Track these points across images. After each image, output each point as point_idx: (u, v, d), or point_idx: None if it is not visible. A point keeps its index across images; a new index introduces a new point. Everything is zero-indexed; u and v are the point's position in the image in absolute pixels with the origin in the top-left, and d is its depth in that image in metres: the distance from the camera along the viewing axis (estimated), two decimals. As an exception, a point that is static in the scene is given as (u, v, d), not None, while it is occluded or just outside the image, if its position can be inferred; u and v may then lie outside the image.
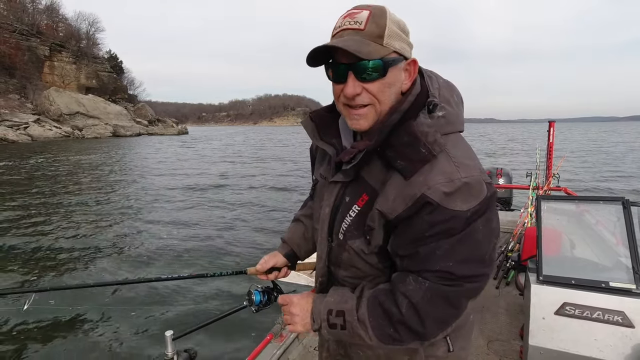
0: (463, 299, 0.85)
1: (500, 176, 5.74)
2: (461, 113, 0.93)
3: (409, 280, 0.86)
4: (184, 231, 8.49)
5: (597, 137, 57.04)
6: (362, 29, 0.82)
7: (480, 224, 0.82)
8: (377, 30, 0.82)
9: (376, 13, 0.83)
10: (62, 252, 7.13)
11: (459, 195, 0.80)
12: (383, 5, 0.85)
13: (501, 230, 4.91)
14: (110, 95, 67.76)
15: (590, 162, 23.46)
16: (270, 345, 2.35)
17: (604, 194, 13.16)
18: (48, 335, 4.29)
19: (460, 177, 0.81)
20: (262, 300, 1.28)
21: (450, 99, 0.91)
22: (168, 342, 1.30)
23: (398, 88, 0.88)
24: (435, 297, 0.84)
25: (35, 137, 44.20)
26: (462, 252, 0.82)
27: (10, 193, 13.00)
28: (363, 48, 0.80)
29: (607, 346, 2.05)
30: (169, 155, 28.95)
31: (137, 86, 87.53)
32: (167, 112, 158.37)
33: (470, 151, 0.89)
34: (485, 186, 0.83)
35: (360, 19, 0.82)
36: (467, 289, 0.84)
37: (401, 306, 0.85)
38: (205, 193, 13.46)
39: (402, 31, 0.86)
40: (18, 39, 54.87)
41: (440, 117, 0.86)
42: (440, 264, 0.82)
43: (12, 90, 52.39)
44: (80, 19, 70.36)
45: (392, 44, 0.83)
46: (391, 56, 0.84)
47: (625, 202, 2.28)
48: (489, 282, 3.07)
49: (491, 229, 0.85)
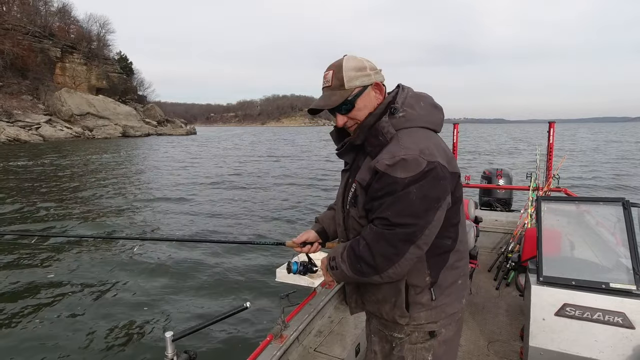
0: (399, 241, 1.15)
1: (500, 177, 5.69)
2: (428, 114, 1.29)
3: (368, 227, 1.23)
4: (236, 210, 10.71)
5: (606, 138, 56.23)
6: (330, 86, 1.27)
7: (414, 188, 1.13)
8: (339, 82, 1.25)
9: (336, 70, 1.26)
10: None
11: (399, 167, 1.14)
12: (341, 60, 1.27)
13: (501, 231, 4.88)
14: (120, 96, 68.58)
15: (590, 161, 23.27)
16: (270, 346, 2.35)
17: (603, 194, 13.04)
18: (45, 334, 4.28)
19: (400, 155, 1.15)
20: (298, 269, 1.60)
21: (415, 105, 1.27)
22: (168, 343, 1.30)
23: (372, 104, 1.29)
24: (379, 237, 1.17)
25: (46, 138, 44.95)
26: (398, 206, 1.14)
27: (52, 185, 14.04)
28: (330, 101, 1.26)
29: (608, 347, 2.05)
30: (201, 152, 31.42)
31: (146, 87, 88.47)
32: (176, 112, 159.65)
33: (420, 139, 1.20)
34: (423, 163, 1.13)
35: (328, 77, 1.27)
36: (400, 233, 1.15)
37: (361, 245, 1.22)
38: (245, 183, 15.72)
39: (360, 70, 1.25)
40: (31, 41, 55.82)
41: (401, 116, 1.24)
42: (383, 213, 1.16)
43: (25, 92, 53.34)
44: (92, 20, 71.33)
45: (352, 84, 1.25)
46: (355, 92, 1.26)
47: (625, 202, 2.27)
48: (489, 282, 3.06)
49: (424, 194, 1.13)
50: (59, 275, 5.90)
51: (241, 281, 5.72)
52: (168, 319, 4.66)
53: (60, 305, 4.98)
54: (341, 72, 1.24)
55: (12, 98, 49.82)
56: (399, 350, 1.34)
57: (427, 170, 1.13)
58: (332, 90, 1.26)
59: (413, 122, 1.24)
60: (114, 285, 5.61)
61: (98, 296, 5.22)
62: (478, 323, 3.11)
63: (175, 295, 5.27)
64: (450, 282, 1.31)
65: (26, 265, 6.28)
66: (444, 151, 1.23)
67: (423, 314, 1.29)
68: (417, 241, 1.15)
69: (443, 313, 1.30)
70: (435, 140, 1.24)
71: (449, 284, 1.31)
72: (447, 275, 1.30)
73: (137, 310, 4.87)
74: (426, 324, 1.30)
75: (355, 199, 1.28)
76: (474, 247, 3.48)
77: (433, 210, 1.15)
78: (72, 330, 4.38)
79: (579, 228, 2.60)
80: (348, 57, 1.27)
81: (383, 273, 1.19)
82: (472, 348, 2.77)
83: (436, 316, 1.30)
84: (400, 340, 1.33)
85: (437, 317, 1.30)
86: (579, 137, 61.36)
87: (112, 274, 6.00)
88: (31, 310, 4.84)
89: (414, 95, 1.30)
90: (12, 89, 51.32)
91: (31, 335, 4.28)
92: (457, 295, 1.34)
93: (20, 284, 5.58)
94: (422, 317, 1.29)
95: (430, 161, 1.14)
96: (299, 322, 2.62)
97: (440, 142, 1.26)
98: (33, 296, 5.22)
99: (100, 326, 4.48)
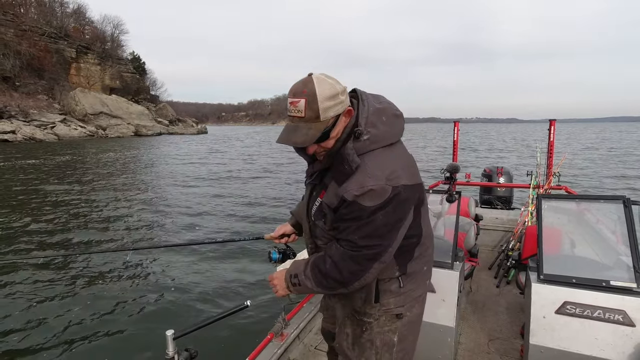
0: (364, 260, 1.25)
1: (500, 175, 5.65)
2: (392, 128, 1.31)
3: (334, 246, 1.31)
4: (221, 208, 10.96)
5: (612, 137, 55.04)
6: (303, 117, 1.19)
7: (381, 214, 1.20)
8: (314, 114, 1.18)
9: (310, 100, 1.17)
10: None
11: (367, 197, 1.19)
12: (312, 86, 1.17)
13: (502, 229, 4.86)
14: (133, 96, 69.58)
15: (591, 159, 22.94)
16: (271, 344, 2.38)
17: (604, 192, 12.80)
18: (44, 336, 4.27)
19: (368, 185, 1.19)
20: (278, 257, 1.68)
21: (377, 122, 1.27)
22: (169, 341, 1.32)
23: (341, 130, 1.27)
24: (345, 257, 1.26)
25: (61, 137, 45.86)
26: (365, 231, 1.22)
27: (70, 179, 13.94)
28: (309, 137, 1.21)
29: (608, 345, 2.04)
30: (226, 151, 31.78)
31: (159, 87, 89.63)
32: (188, 112, 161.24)
33: (385, 164, 1.24)
34: (389, 190, 1.19)
35: (300, 107, 1.18)
36: (366, 253, 1.24)
37: (327, 263, 1.30)
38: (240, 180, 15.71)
39: (333, 98, 1.19)
40: (47, 41, 56.98)
41: (365, 139, 1.25)
42: (349, 236, 1.24)
43: (41, 91, 54.49)
44: (106, 21, 72.54)
45: (327, 115, 1.20)
46: (331, 122, 1.22)
47: (626, 200, 2.25)
48: (490, 280, 3.06)
49: (388, 218, 1.22)
50: (55, 276, 5.86)
51: (242, 280, 5.73)
52: (169, 318, 4.67)
53: (59, 304, 4.97)
54: (316, 102, 1.17)
55: (28, 98, 50.95)
56: (369, 334, 1.44)
57: (392, 197, 1.20)
58: (307, 123, 1.20)
59: (377, 144, 1.26)
60: (113, 285, 5.57)
61: (97, 296, 5.21)
62: (479, 321, 3.10)
63: (176, 294, 5.28)
64: (416, 271, 1.43)
65: (21, 264, 6.26)
66: (407, 167, 1.30)
67: (392, 300, 1.40)
68: (381, 259, 1.26)
69: (409, 297, 1.43)
70: (398, 158, 1.30)
71: (416, 272, 1.43)
72: (413, 265, 1.41)
73: (137, 308, 4.88)
74: (395, 307, 1.41)
75: (323, 215, 1.35)
76: (474, 245, 3.46)
77: (396, 231, 1.25)
78: (72, 330, 4.39)
79: (580, 226, 2.57)
80: (319, 82, 1.19)
81: (350, 286, 1.29)
82: (472, 346, 2.76)
83: (404, 301, 1.42)
84: (369, 325, 1.43)
85: (405, 301, 1.42)
86: (585, 136, 60.29)
87: (109, 275, 5.94)
88: (29, 308, 4.84)
89: (375, 112, 1.28)
90: (28, 89, 52.47)
91: (30, 334, 4.29)
92: (423, 280, 1.48)
93: (17, 283, 5.61)
94: (392, 302, 1.41)
95: (395, 186, 1.21)
96: (300, 320, 2.65)
97: (402, 157, 1.32)
98: (28, 293, 5.22)
99: (101, 325, 4.48)
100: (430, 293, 2.45)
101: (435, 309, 2.44)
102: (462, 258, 2.58)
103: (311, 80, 1.19)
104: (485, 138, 58.08)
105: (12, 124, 41.96)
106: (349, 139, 1.25)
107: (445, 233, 2.99)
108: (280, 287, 1.44)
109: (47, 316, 4.67)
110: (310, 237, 1.48)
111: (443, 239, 2.84)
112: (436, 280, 2.43)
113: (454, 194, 2.81)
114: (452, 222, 2.75)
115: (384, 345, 1.44)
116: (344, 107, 1.24)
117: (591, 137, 58.08)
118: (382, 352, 1.44)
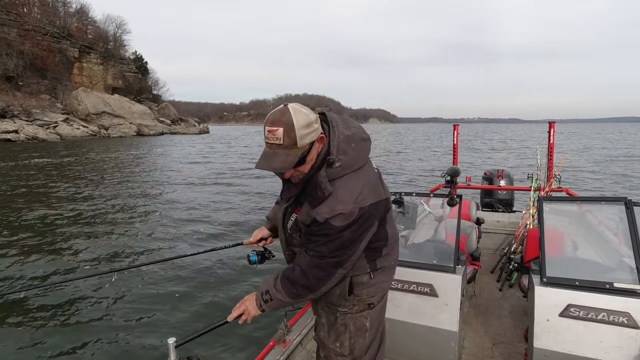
0: (328, 267, 1.42)
1: (501, 178, 5.63)
2: (359, 153, 1.44)
3: (303, 255, 1.48)
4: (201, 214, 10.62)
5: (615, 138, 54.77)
6: (281, 144, 1.29)
7: (348, 232, 1.37)
8: (291, 141, 1.29)
9: (288, 129, 1.27)
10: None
11: (336, 219, 1.35)
12: (289, 116, 1.28)
13: (504, 232, 4.85)
14: (135, 95, 69.64)
15: (593, 161, 22.83)
16: (274, 351, 2.37)
17: (606, 194, 12.75)
18: (46, 342, 4.25)
19: (338, 210, 1.35)
20: (257, 260, 1.77)
21: (348, 149, 1.41)
22: (171, 349, 1.31)
23: (315, 155, 1.39)
24: (312, 265, 1.43)
25: (63, 136, 46.00)
26: (331, 246, 1.39)
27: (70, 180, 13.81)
28: (287, 163, 1.31)
29: (613, 348, 2.02)
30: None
31: (161, 86, 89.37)
32: (190, 111, 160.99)
33: (354, 188, 1.38)
34: (356, 211, 1.36)
35: (279, 135, 1.28)
36: (331, 262, 1.41)
37: (295, 271, 1.46)
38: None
39: (308, 126, 1.31)
40: (50, 41, 57.11)
41: (338, 167, 1.38)
42: (318, 248, 1.41)
43: (44, 91, 54.67)
44: (108, 21, 72.61)
45: (304, 142, 1.31)
46: (306, 149, 1.33)
47: (628, 202, 2.24)
48: (493, 284, 3.07)
49: (353, 234, 1.38)
50: (50, 280, 5.83)
51: (242, 286, 5.68)
52: (170, 325, 4.63)
53: (59, 312, 4.93)
54: (293, 131, 1.28)
55: (31, 97, 51.11)
56: (342, 319, 1.60)
57: (359, 217, 1.37)
58: (285, 150, 1.30)
59: (348, 169, 1.41)
60: (113, 293, 5.51)
61: (97, 305, 5.16)
62: (482, 324, 3.08)
63: (176, 301, 5.24)
64: (385, 265, 1.60)
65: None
66: (372, 186, 1.45)
67: (364, 291, 1.57)
68: (345, 265, 1.44)
69: (380, 288, 1.61)
70: (365, 179, 1.44)
71: (384, 266, 1.60)
72: (382, 261, 1.58)
73: (138, 316, 4.84)
74: (367, 298, 1.58)
75: (298, 230, 1.53)
76: (476, 248, 3.44)
77: (359, 242, 1.42)
78: (72, 338, 4.35)
79: (582, 228, 2.57)
80: (295, 112, 1.30)
81: (317, 291, 1.47)
82: (476, 350, 2.75)
83: (374, 292, 1.59)
84: (343, 313, 1.60)
85: (375, 292, 1.59)
86: (586, 136, 59.94)
87: (111, 284, 5.85)
88: (29, 315, 4.80)
89: (344, 139, 1.42)
90: (31, 89, 52.64)
91: (31, 342, 4.25)
92: (390, 273, 1.67)
93: (18, 287, 5.57)
94: (364, 293, 1.57)
95: (361, 207, 1.37)
96: (302, 327, 2.64)
97: (368, 177, 1.46)
98: (29, 300, 5.17)
99: (102, 334, 4.44)
100: (433, 297, 2.44)
101: (438, 314, 2.43)
102: (464, 262, 2.57)
103: (288, 110, 1.30)
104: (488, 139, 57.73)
105: (14, 124, 42.09)
106: (322, 165, 1.39)
107: (446, 237, 2.98)
108: (252, 308, 1.54)
109: (46, 322, 4.64)
110: (287, 246, 1.65)
111: (445, 243, 2.83)
112: (438, 285, 2.42)
113: (455, 197, 2.80)
114: (454, 226, 2.74)
115: (357, 329, 1.60)
116: (317, 134, 1.36)
117: (593, 137, 57.86)
118: (355, 336, 1.60)
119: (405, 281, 2.49)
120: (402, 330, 2.51)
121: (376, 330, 1.67)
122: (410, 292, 2.49)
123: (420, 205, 3.09)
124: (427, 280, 2.45)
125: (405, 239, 2.89)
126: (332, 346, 1.63)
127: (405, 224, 2.87)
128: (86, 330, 4.55)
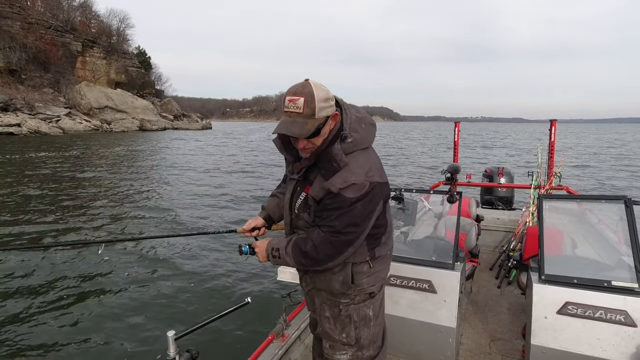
0: (340, 244, 1.47)
1: (501, 175, 5.64)
2: (368, 134, 1.54)
3: (316, 231, 1.51)
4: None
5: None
6: (301, 112, 1.37)
7: (360, 205, 1.42)
8: (310, 111, 1.37)
9: (308, 99, 1.36)
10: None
11: (350, 189, 1.41)
12: (310, 88, 1.37)
13: (503, 229, 4.85)
14: (138, 90, 69.70)
15: (593, 160, 22.75)
16: (272, 345, 2.38)
17: (606, 192, 12.72)
18: (41, 337, 4.22)
19: (351, 180, 1.41)
20: (249, 251, 1.75)
21: (359, 128, 1.51)
22: (170, 342, 1.32)
23: (328, 131, 1.47)
24: (325, 241, 1.47)
25: (66, 130, 46.13)
26: (344, 219, 1.43)
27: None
28: (304, 130, 1.39)
29: (610, 345, 2.03)
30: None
31: (164, 82, 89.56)
32: (193, 107, 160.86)
33: (365, 162, 1.47)
34: (367, 184, 1.42)
35: (299, 104, 1.37)
36: (343, 240, 1.46)
37: (307, 245, 1.51)
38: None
39: (325, 99, 1.40)
40: (53, 35, 57.11)
41: (349, 142, 1.47)
42: (331, 222, 1.45)
43: (47, 85, 54.75)
44: (112, 15, 72.74)
45: (321, 114, 1.40)
46: (322, 121, 1.42)
47: (627, 200, 2.24)
48: (491, 281, 3.07)
49: (364, 208, 1.44)
50: (52, 277, 5.80)
51: (242, 280, 5.67)
52: (169, 318, 4.63)
53: (59, 305, 4.93)
54: (314, 102, 1.36)
55: (34, 91, 51.21)
56: (346, 310, 1.65)
57: (370, 190, 1.43)
58: (304, 119, 1.38)
59: (358, 146, 1.49)
60: (111, 285, 5.51)
61: (96, 297, 5.16)
62: (480, 321, 3.10)
63: (175, 293, 5.25)
64: (383, 254, 1.66)
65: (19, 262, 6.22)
66: (378, 168, 1.53)
67: (365, 280, 1.62)
68: (355, 244, 1.49)
69: (379, 277, 1.66)
70: (373, 159, 1.54)
71: (382, 255, 1.66)
72: (380, 250, 1.64)
73: (137, 309, 4.85)
74: (367, 287, 1.63)
75: (307, 207, 1.56)
76: (475, 245, 3.45)
77: (369, 219, 1.48)
78: (72, 331, 4.36)
79: (581, 226, 2.57)
80: (316, 86, 1.39)
81: (322, 266, 1.54)
82: (474, 346, 2.77)
83: (374, 281, 1.64)
84: (346, 304, 1.64)
85: (375, 281, 1.65)
86: (589, 136, 59.66)
87: (107, 275, 5.88)
88: (28, 309, 4.79)
89: (356, 119, 1.52)
90: (34, 82, 52.73)
91: (30, 335, 4.24)
92: (387, 263, 1.72)
93: (15, 281, 5.57)
94: (364, 282, 1.62)
95: (372, 182, 1.44)
96: (301, 321, 2.65)
97: (375, 159, 1.56)
98: (28, 296, 5.17)
99: (101, 326, 4.44)
100: (432, 293, 2.45)
101: (436, 310, 2.44)
102: (463, 259, 2.58)
103: (309, 83, 1.39)
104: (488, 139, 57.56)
105: (17, 117, 42.24)
106: (335, 140, 1.47)
107: (446, 233, 2.98)
108: (260, 255, 1.66)
109: (46, 316, 4.63)
110: (291, 228, 1.69)
111: (444, 240, 2.83)
112: (437, 281, 2.43)
113: (455, 194, 2.80)
114: (453, 223, 2.75)
115: (361, 319, 1.65)
116: (332, 110, 1.44)
117: (595, 138, 57.59)
118: (360, 326, 1.66)
119: (404, 277, 2.50)
120: (401, 326, 2.53)
121: (380, 321, 1.73)
122: (409, 288, 2.50)
123: (420, 202, 3.09)
124: (425, 277, 2.46)
125: (404, 235, 2.90)
126: (338, 337, 1.67)
127: (405, 220, 2.88)
128: (84, 321, 4.57)
